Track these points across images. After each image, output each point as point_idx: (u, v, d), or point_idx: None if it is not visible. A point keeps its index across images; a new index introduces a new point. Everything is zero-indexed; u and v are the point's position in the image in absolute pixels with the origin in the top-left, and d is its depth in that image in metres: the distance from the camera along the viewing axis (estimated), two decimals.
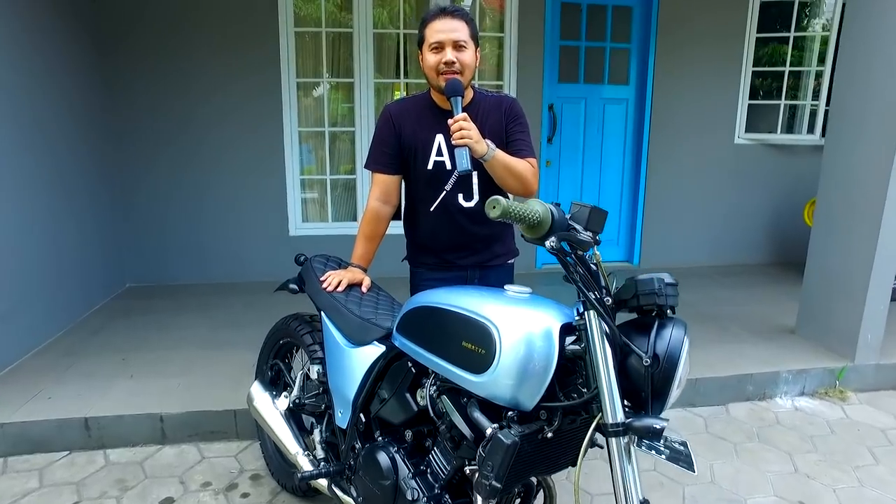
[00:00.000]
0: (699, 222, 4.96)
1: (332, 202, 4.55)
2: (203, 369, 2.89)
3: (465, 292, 1.45)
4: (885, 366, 3.09)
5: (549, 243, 1.10)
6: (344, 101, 4.52)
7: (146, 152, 4.19)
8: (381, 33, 4.36)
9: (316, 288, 1.87)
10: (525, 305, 1.31)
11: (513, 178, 1.78)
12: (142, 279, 4.37)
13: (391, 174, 1.92)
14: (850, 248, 3.03)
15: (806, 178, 4.98)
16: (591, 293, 1.12)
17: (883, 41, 2.84)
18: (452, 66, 1.74)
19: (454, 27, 1.75)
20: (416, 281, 2.02)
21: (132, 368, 2.89)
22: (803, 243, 4.93)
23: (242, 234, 4.40)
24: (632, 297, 1.12)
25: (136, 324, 3.54)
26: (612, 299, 1.15)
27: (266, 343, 2.23)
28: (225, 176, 4.31)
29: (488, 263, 1.99)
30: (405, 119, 1.89)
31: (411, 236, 2.03)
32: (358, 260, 1.96)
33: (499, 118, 1.89)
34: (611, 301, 1.14)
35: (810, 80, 4.83)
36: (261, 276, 4.41)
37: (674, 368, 1.09)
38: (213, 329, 3.45)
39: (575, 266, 1.13)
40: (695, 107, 4.73)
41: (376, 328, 1.65)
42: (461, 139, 1.64)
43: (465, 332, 1.31)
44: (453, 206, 1.89)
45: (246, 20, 4.11)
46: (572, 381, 1.24)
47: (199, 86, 4.15)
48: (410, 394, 1.51)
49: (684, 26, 4.56)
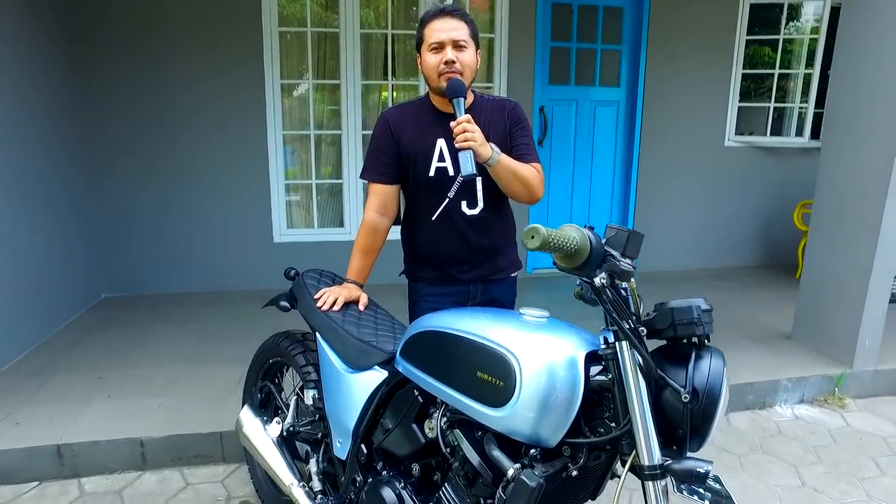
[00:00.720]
0: (690, 225, 4.93)
1: (317, 208, 4.41)
2: (186, 387, 2.74)
3: (477, 316, 1.35)
4: (882, 372, 3.07)
5: (598, 280, 1.00)
6: (330, 102, 4.38)
7: (122, 155, 4.01)
8: (368, 33, 4.24)
9: (310, 306, 1.75)
10: (545, 332, 1.22)
11: (519, 183, 1.70)
12: (118, 289, 4.17)
13: (390, 184, 1.81)
14: (848, 254, 3.00)
15: (794, 180, 4.99)
16: (624, 322, 1.03)
17: (880, 44, 2.81)
18: (453, 65, 1.64)
19: (453, 26, 1.66)
20: (416, 297, 1.92)
21: (109, 388, 2.73)
22: (793, 246, 4.98)
23: (225, 242, 4.24)
24: (668, 327, 1.03)
25: (113, 338, 3.35)
26: (646, 328, 1.06)
27: (254, 363, 2.10)
28: (206, 181, 4.14)
29: (491, 277, 1.89)
30: (404, 125, 1.79)
31: (410, 248, 1.93)
32: (354, 275, 1.84)
33: (502, 122, 1.80)
34: (645, 331, 1.05)
35: (798, 83, 4.83)
36: (245, 285, 4.26)
37: (715, 405, 1.00)
38: (197, 343, 3.29)
39: (606, 292, 1.03)
40: (685, 109, 4.69)
41: (377, 352, 1.54)
42: (465, 142, 1.55)
43: (480, 362, 1.20)
44: (457, 213, 1.79)
45: (228, 18, 3.95)
46: (598, 415, 1.15)
47: (178, 87, 3.98)
48: (417, 424, 1.40)
49: (675, 28, 4.52)
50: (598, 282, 1.00)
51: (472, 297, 1.88)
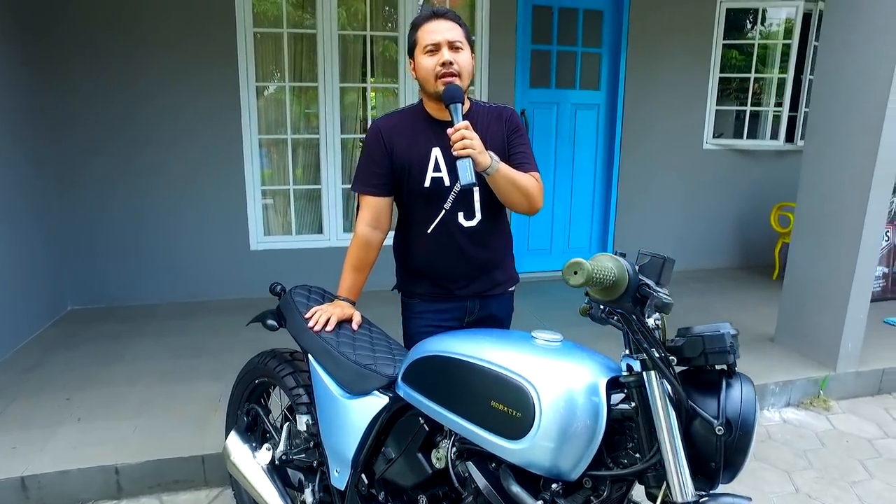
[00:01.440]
0: (670, 228, 4.97)
1: (295, 214, 4.28)
2: (164, 407, 2.60)
3: (486, 340, 1.28)
4: (863, 373, 3.12)
5: (652, 321, 0.95)
6: (307, 106, 4.26)
7: (89, 159, 3.81)
8: (346, 35, 4.13)
9: (300, 327, 1.65)
10: (562, 358, 1.16)
11: (518, 193, 1.64)
12: (86, 301, 3.97)
13: (382, 196, 1.73)
14: (831, 257, 3.04)
15: (770, 182, 5.08)
16: (653, 350, 0.97)
17: (860, 51, 2.85)
18: (451, 66, 1.57)
19: (448, 27, 1.61)
20: (410, 314, 1.84)
21: (78, 410, 2.56)
22: (769, 247, 5.06)
23: (199, 249, 4.07)
24: (699, 356, 0.98)
25: (82, 355, 3.17)
26: (673, 355, 1.01)
27: (238, 384, 1.99)
28: (179, 186, 3.97)
29: (489, 293, 1.83)
30: (397, 134, 1.70)
31: (404, 263, 1.85)
32: (345, 293, 1.75)
33: (500, 130, 1.73)
34: (675, 360, 0.99)
35: (773, 87, 4.90)
36: (221, 295, 4.11)
37: (749, 437, 0.96)
38: (173, 358, 3.14)
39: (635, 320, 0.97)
40: (665, 112, 4.72)
41: (377, 376, 1.46)
42: (463, 149, 1.48)
43: (493, 391, 1.14)
44: (453, 225, 1.72)
45: (199, 17, 3.79)
46: (620, 444, 1.09)
47: (147, 88, 3.80)
48: (423, 453, 1.33)
49: (654, 31, 4.53)
50: (651, 322, 0.94)
51: (469, 313, 1.82)
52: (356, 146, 4.43)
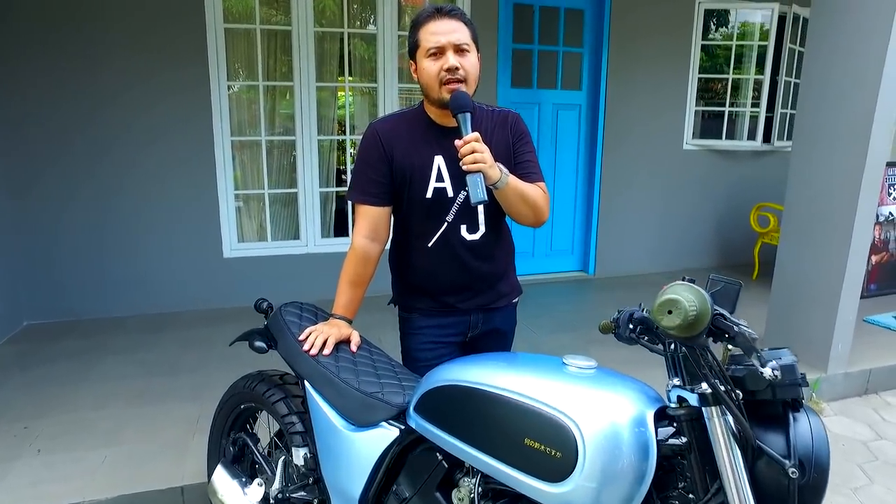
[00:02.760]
0: (651, 229, 4.95)
1: (271, 219, 4.09)
2: (136, 433, 2.40)
3: (511, 367, 1.17)
4: (851, 374, 3.13)
5: (767, 375, 0.85)
6: (283, 106, 4.07)
7: (46, 162, 3.54)
8: (322, 32, 3.95)
9: (294, 350, 1.51)
10: (601, 387, 1.05)
11: (526, 206, 1.53)
12: (44, 314, 3.69)
13: (381, 206, 1.60)
14: (820, 259, 3.03)
15: (749, 182, 5.12)
16: (716, 382, 0.87)
17: (850, 51, 2.84)
18: (456, 72, 1.45)
19: (453, 27, 1.47)
20: (410, 329, 1.71)
21: (39, 441, 2.34)
22: (748, 246, 5.10)
23: (169, 258, 3.84)
24: (765, 389, 0.88)
25: (40, 376, 2.92)
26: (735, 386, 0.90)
27: (221, 411, 1.82)
28: (145, 190, 3.73)
29: (493, 305, 1.71)
30: (396, 139, 1.57)
31: (402, 276, 1.71)
32: (342, 310, 1.61)
33: (505, 137, 1.62)
34: (741, 395, 0.89)
35: (749, 88, 4.94)
36: (194, 305, 3.89)
37: (824, 478, 0.86)
38: (145, 377, 2.92)
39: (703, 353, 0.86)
40: (645, 112, 4.69)
41: (385, 406, 1.33)
42: (474, 164, 1.36)
43: (526, 427, 1.02)
44: (456, 238, 1.59)
45: (166, 11, 3.56)
46: (670, 484, 0.99)
47: (109, 88, 3.55)
48: (442, 492, 1.20)
49: (635, 31, 4.50)
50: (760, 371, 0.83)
51: (472, 327, 1.70)
52: (333, 148, 4.26)
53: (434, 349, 1.66)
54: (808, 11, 4.81)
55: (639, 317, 1.22)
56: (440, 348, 1.67)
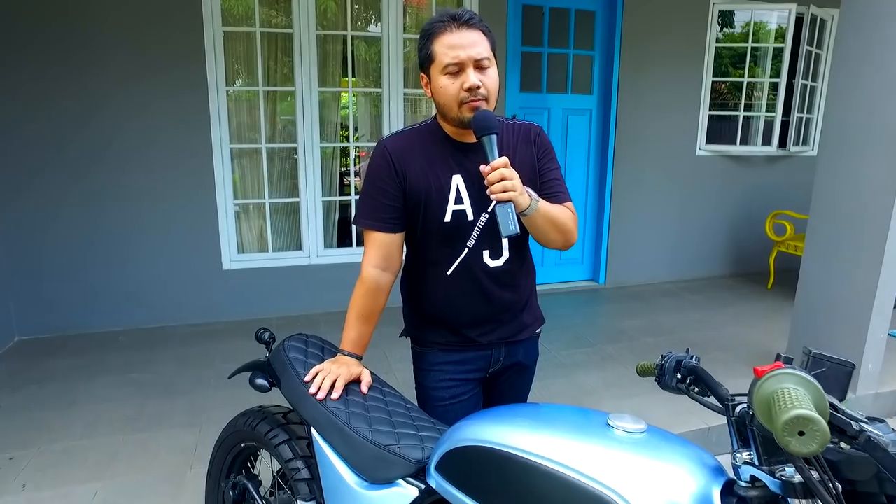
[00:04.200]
0: (663, 236, 4.81)
1: (272, 229, 3.94)
2: (128, 464, 2.26)
3: (547, 427, 1.02)
4: (882, 394, 2.99)
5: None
6: (284, 112, 3.92)
7: (34, 170, 3.40)
8: (325, 35, 3.81)
9: (300, 393, 1.36)
10: (654, 455, 0.91)
11: (556, 231, 1.38)
12: (37, 329, 3.55)
13: (393, 232, 1.45)
14: (849, 274, 2.88)
15: (762, 188, 4.98)
16: (805, 466, 0.72)
17: (879, 57, 2.70)
18: (478, 91, 1.30)
19: (473, 40, 1.31)
20: (425, 365, 1.56)
21: (24, 473, 2.19)
22: (762, 254, 4.95)
23: (166, 270, 3.70)
24: (869, 479, 0.73)
25: (30, 397, 2.78)
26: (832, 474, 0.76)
27: (219, 452, 1.67)
28: (141, 199, 3.58)
29: (516, 338, 1.57)
30: (410, 157, 1.42)
31: (416, 308, 1.56)
32: (351, 347, 1.46)
33: (529, 154, 1.47)
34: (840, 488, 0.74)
35: (765, 91, 4.80)
36: (191, 319, 3.75)
37: None
38: (139, 399, 2.77)
39: None
40: (659, 117, 4.55)
41: (402, 461, 1.18)
42: (503, 192, 1.21)
43: (565, 502, 0.88)
44: (477, 266, 1.44)
45: (162, 12, 3.41)
46: None
47: (102, 92, 3.41)
48: None
49: (648, 34, 4.35)
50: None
51: (494, 362, 1.56)
52: (336, 156, 4.12)
53: (452, 387, 1.52)
54: (825, 12, 4.68)
55: (688, 365, 1.09)
56: (458, 386, 1.52)
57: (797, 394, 0.64)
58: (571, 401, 2.79)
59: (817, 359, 0.75)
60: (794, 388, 0.66)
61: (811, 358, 0.74)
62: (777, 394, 0.65)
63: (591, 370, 3.14)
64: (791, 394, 0.64)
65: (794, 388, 0.66)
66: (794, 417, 0.63)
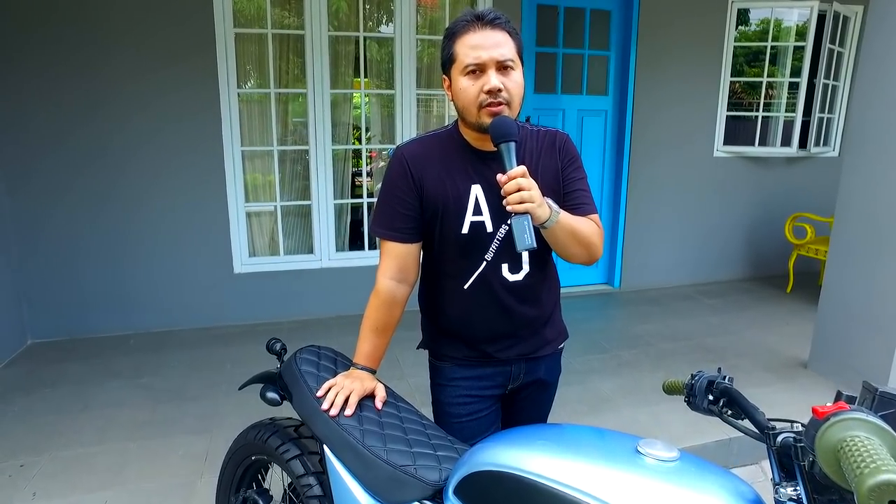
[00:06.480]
0: (680, 239, 4.72)
1: (283, 233, 3.91)
2: (139, 472, 2.23)
3: (574, 453, 0.97)
4: None
5: None
6: (295, 114, 3.89)
7: (47, 171, 3.39)
8: (337, 36, 3.77)
9: (311, 408, 1.32)
10: (687, 485, 0.85)
11: (578, 245, 1.30)
12: (49, 332, 3.55)
13: (410, 242, 1.40)
14: (877, 278, 2.79)
15: (781, 190, 4.87)
16: None
17: None
18: (498, 94, 1.23)
19: (497, 41, 1.23)
20: (442, 380, 1.51)
21: (35, 481, 2.17)
22: (781, 257, 4.85)
23: (177, 273, 3.68)
24: None
25: (42, 402, 2.77)
26: None
27: (228, 466, 1.64)
28: (153, 202, 3.57)
29: (537, 354, 1.50)
30: (427, 165, 1.37)
31: (434, 321, 1.51)
32: (365, 360, 1.41)
33: (553, 164, 1.40)
34: None
35: (784, 90, 4.69)
36: (202, 323, 3.73)
37: None
38: (150, 404, 2.75)
39: None
40: (676, 118, 4.46)
41: (418, 483, 1.13)
42: (520, 204, 1.14)
43: None
44: (496, 280, 1.38)
45: (171, 12, 3.39)
46: None
47: (117, 100, 3.40)
48: None
49: (664, 33, 4.27)
50: None
51: (513, 378, 1.50)
52: (348, 158, 4.08)
53: (469, 403, 1.47)
54: (848, 9, 4.56)
55: (721, 387, 1.03)
56: (476, 402, 1.47)
57: (873, 446, 0.58)
58: (587, 409, 2.72)
59: (885, 398, 0.68)
60: (868, 437, 0.60)
61: (878, 397, 0.68)
62: (848, 445, 0.59)
63: (607, 377, 3.07)
64: (867, 448, 0.58)
65: (868, 437, 0.60)
66: (885, 484, 0.55)
